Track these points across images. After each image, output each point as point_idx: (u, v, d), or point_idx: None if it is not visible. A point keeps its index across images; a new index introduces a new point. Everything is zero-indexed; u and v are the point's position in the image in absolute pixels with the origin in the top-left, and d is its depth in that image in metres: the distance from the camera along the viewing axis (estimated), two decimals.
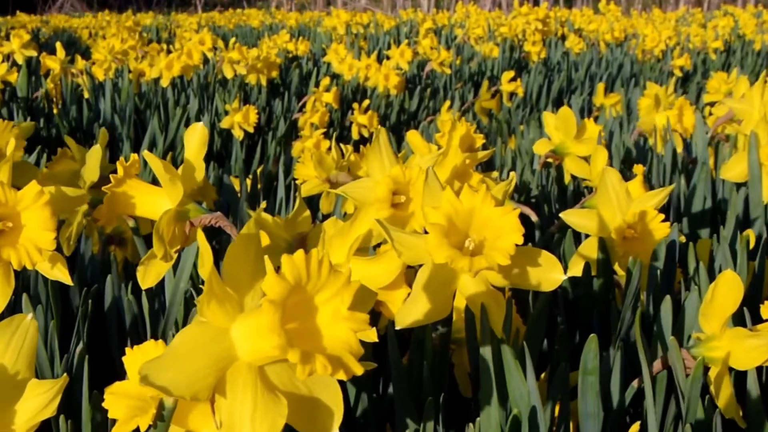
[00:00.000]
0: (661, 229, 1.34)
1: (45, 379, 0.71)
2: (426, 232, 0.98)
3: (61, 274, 1.06)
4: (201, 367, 0.63)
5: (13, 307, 1.33)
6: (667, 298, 1.19)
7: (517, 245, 0.95)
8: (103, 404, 0.87)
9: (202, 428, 0.79)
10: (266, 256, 0.69)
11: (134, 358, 0.88)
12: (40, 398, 0.70)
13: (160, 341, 0.87)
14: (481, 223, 0.99)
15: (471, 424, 1.02)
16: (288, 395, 0.65)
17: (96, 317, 1.38)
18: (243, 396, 0.64)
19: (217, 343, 0.65)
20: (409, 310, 0.97)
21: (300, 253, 0.64)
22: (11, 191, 0.98)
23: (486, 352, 1.02)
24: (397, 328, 0.97)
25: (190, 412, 0.78)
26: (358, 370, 0.63)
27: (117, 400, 0.87)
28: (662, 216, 1.34)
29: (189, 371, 0.63)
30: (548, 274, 1.02)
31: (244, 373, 0.64)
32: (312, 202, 1.97)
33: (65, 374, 0.72)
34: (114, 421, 0.88)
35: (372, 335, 0.97)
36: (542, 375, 1.23)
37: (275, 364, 0.66)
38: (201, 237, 0.70)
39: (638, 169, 1.86)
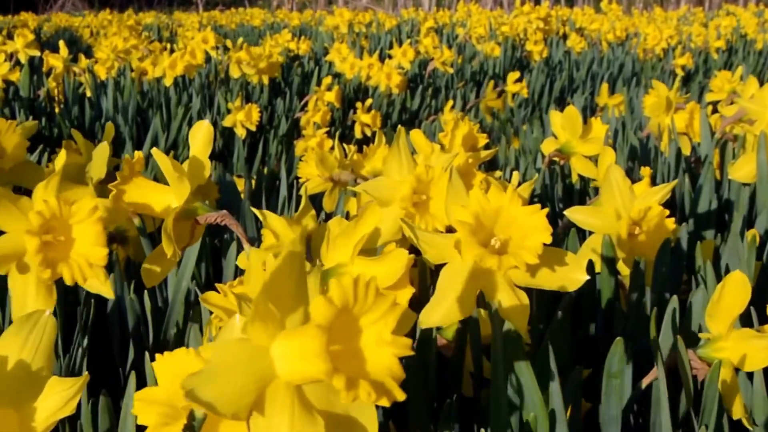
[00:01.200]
0: (666, 225, 1.33)
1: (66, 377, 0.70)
2: (447, 231, 0.97)
3: (105, 288, 1.05)
4: (242, 385, 0.62)
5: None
6: (674, 297, 1.19)
7: (544, 245, 0.95)
8: (133, 411, 0.86)
9: None
10: (310, 276, 0.69)
11: (165, 364, 0.88)
12: (59, 396, 0.70)
13: (191, 349, 0.87)
14: (508, 222, 0.99)
15: (483, 429, 1.02)
16: (324, 414, 0.65)
17: (98, 316, 1.38)
18: (281, 415, 0.63)
19: (257, 361, 0.64)
20: (434, 309, 0.96)
21: (348, 277, 0.63)
22: (65, 204, 0.98)
23: (497, 354, 1.01)
24: (423, 327, 0.97)
25: (220, 422, 0.78)
26: (401, 396, 0.62)
27: (147, 407, 0.86)
28: (667, 212, 1.33)
29: (231, 389, 0.62)
30: (572, 274, 1.01)
31: (282, 392, 0.64)
32: (315, 200, 1.96)
33: (86, 373, 0.72)
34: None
35: None
36: None
37: (313, 383, 0.65)
38: (254, 254, 0.69)
39: (645, 171, 1.86)
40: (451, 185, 1.04)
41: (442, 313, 0.96)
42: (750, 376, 1.11)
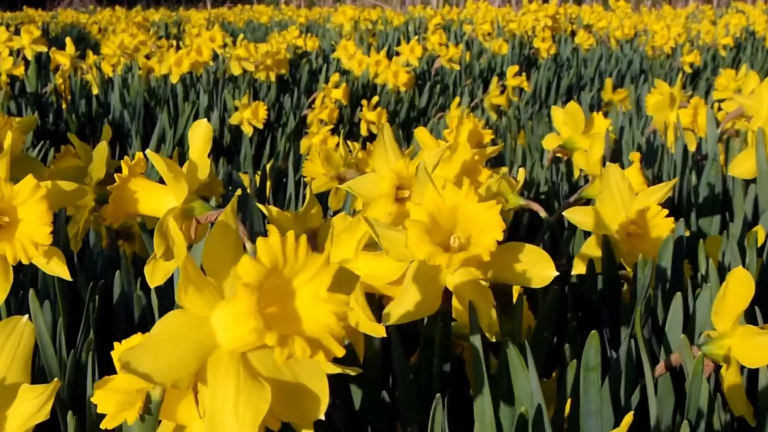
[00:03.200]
0: (665, 225, 1.33)
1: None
2: None
3: (58, 268, 1.05)
4: (182, 355, 0.63)
5: (21, 302, 1.33)
6: (678, 295, 1.19)
7: (499, 241, 0.95)
8: (92, 399, 0.86)
9: (192, 422, 0.78)
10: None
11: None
12: (32, 402, 0.69)
13: (147, 333, 0.87)
14: (465, 220, 0.99)
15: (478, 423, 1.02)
16: (272, 382, 0.65)
17: (105, 312, 1.38)
18: (225, 383, 0.63)
19: (197, 331, 0.64)
20: (398, 305, 0.97)
21: (275, 235, 0.63)
22: (7, 186, 0.98)
23: (477, 348, 1.01)
24: (388, 323, 0.97)
25: (178, 404, 0.78)
26: (339, 351, 0.62)
27: (106, 395, 0.86)
28: (666, 211, 1.33)
29: (170, 358, 0.63)
30: (538, 270, 1.01)
31: (226, 361, 0.64)
32: (321, 198, 1.96)
33: (56, 379, 0.72)
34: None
35: (380, 331, 0.97)
36: (553, 374, 1.22)
37: (258, 350, 0.66)
38: (173, 225, 0.69)
39: (635, 156, 1.85)
40: (417, 182, 1.03)
41: (405, 309, 0.97)
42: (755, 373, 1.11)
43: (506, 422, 1.05)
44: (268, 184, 2.25)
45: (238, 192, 1.46)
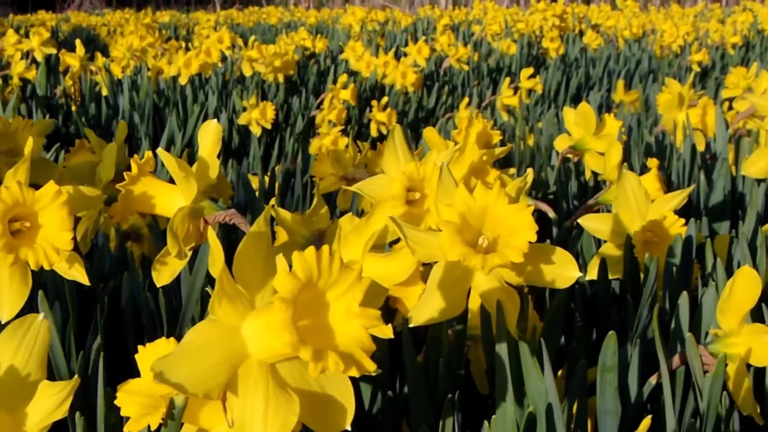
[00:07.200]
0: (679, 233, 1.33)
1: (57, 381, 0.71)
2: (441, 230, 0.97)
3: (78, 274, 1.06)
4: (213, 365, 0.63)
5: (30, 303, 1.33)
6: (684, 294, 1.19)
7: (530, 242, 0.95)
8: (116, 402, 0.87)
9: (214, 426, 0.79)
10: (280, 255, 0.69)
11: (147, 355, 0.88)
12: (51, 399, 0.70)
13: (172, 339, 0.87)
14: (495, 221, 0.98)
15: (486, 422, 1.02)
16: (300, 392, 0.65)
17: (113, 313, 1.38)
18: (254, 394, 0.63)
19: (228, 341, 0.64)
20: (423, 307, 0.97)
21: (311, 249, 0.63)
22: (29, 191, 0.98)
23: (501, 349, 1.02)
24: (411, 325, 0.97)
25: (201, 409, 0.78)
26: (371, 366, 0.63)
27: (129, 398, 0.87)
28: (682, 221, 1.33)
29: (202, 369, 0.62)
30: (563, 271, 1.01)
31: (256, 371, 0.64)
32: (329, 198, 1.96)
33: (76, 376, 0.72)
34: (128, 418, 0.88)
35: (387, 332, 0.97)
36: (559, 372, 1.22)
37: (287, 361, 0.66)
38: (212, 235, 0.69)
39: (652, 162, 1.85)
40: (441, 183, 1.03)
41: (432, 311, 0.97)
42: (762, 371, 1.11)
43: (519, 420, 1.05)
44: (277, 185, 2.25)
45: (273, 201, 1.46)
